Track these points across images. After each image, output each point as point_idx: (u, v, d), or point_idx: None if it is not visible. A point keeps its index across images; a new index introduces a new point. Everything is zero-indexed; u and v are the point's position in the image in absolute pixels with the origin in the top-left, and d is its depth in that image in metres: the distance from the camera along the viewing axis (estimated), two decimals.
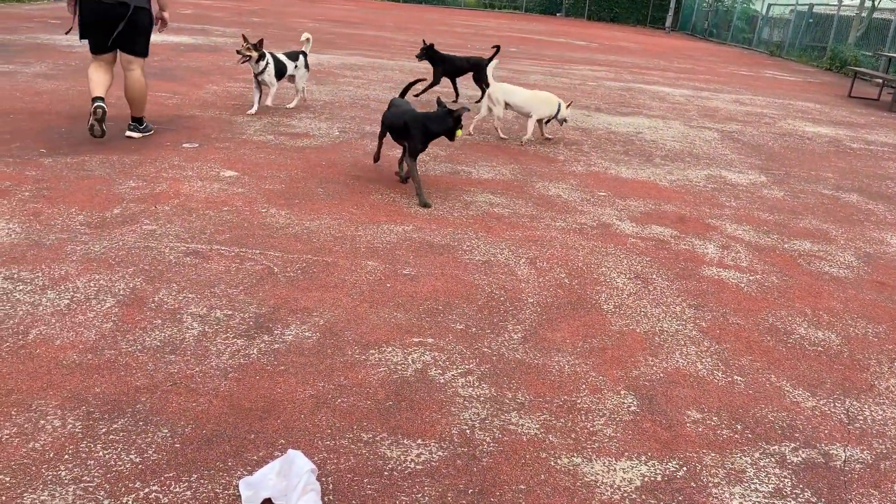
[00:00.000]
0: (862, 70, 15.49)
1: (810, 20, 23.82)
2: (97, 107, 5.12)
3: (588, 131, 7.70)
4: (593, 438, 2.47)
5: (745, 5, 30.33)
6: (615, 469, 2.32)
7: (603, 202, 5.23)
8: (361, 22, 19.91)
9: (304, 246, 3.82)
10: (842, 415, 2.78)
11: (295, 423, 2.37)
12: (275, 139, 6.00)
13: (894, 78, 13.80)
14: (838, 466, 2.47)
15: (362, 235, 4.06)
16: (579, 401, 2.67)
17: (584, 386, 2.78)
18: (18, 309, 2.91)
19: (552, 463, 2.32)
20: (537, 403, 2.63)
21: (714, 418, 2.66)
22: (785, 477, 2.38)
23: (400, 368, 2.76)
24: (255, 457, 2.20)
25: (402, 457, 2.27)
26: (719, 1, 32.57)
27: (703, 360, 3.07)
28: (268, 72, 6.56)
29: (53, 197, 4.17)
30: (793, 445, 2.55)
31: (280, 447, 2.24)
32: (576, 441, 2.44)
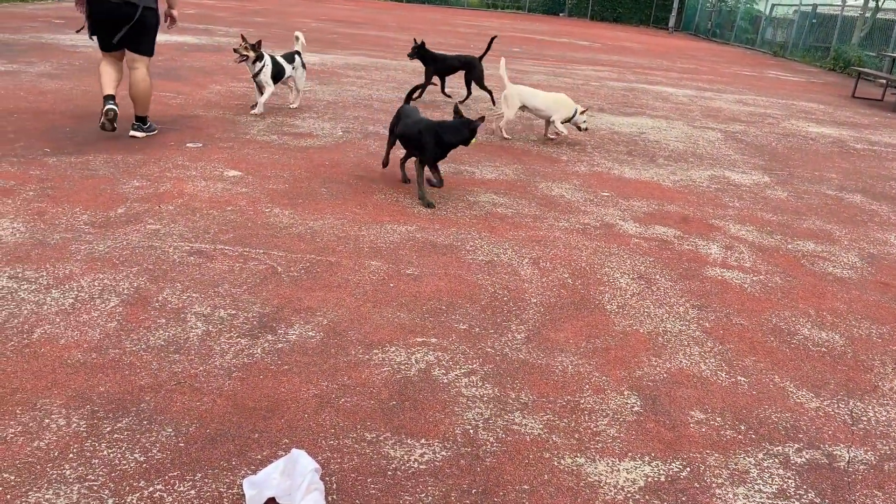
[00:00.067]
0: (866, 70, 15.47)
1: (814, 20, 23.78)
2: (109, 109, 5.21)
3: (591, 131, 7.69)
4: (597, 439, 2.47)
5: (749, 5, 30.29)
6: (619, 469, 2.32)
7: (606, 202, 5.23)
8: (364, 22, 19.92)
9: (308, 246, 3.83)
10: (846, 416, 2.78)
11: (299, 423, 2.38)
12: (278, 139, 6.01)
13: None
14: (842, 467, 2.46)
15: (366, 235, 4.06)
16: (583, 401, 2.68)
17: (588, 386, 2.78)
18: (23, 308, 2.92)
19: (556, 463, 2.32)
20: (541, 403, 2.63)
21: (717, 419, 2.66)
22: (789, 478, 2.38)
23: (403, 368, 2.76)
24: (259, 456, 2.20)
25: (406, 456, 2.27)
26: (723, 1, 32.53)
27: (707, 361, 3.07)
28: (264, 73, 6.48)
29: (58, 196, 4.18)
30: (796, 446, 2.55)
31: (284, 446, 2.25)
32: (579, 441, 2.44)
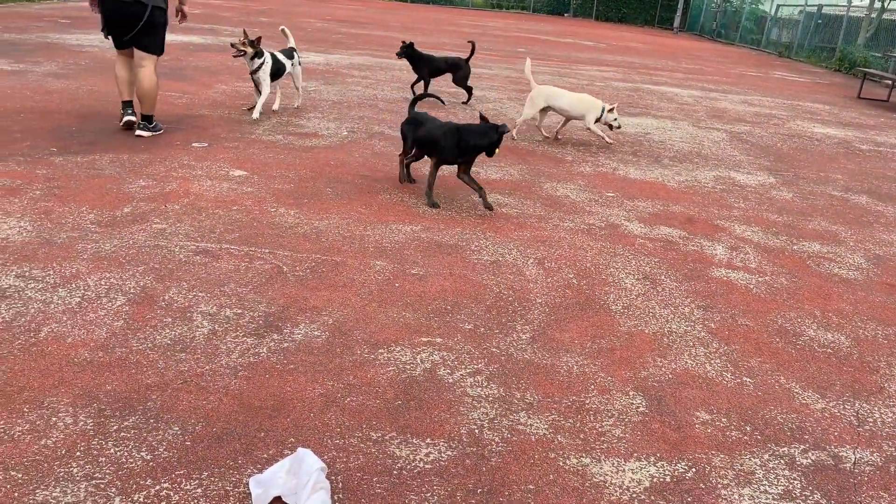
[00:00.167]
0: (871, 71, 15.43)
1: (819, 21, 23.71)
2: (127, 121, 5.64)
3: (591, 132, 7.67)
4: (602, 439, 2.47)
5: (754, 6, 30.23)
6: (624, 470, 2.32)
7: (611, 203, 5.22)
8: (369, 22, 19.94)
9: (313, 245, 3.84)
10: (851, 417, 2.77)
11: (304, 422, 2.38)
12: (283, 139, 6.02)
13: None
14: (848, 469, 2.46)
15: (371, 235, 4.07)
16: (588, 401, 2.68)
17: (593, 386, 2.78)
18: (30, 307, 2.93)
19: (561, 463, 2.32)
20: (546, 404, 2.63)
21: (723, 419, 2.66)
22: (794, 479, 2.37)
23: (409, 368, 2.76)
24: (266, 455, 2.21)
25: (411, 456, 2.28)
26: (728, 1, 32.46)
27: (712, 362, 3.07)
28: (263, 70, 6.36)
29: (64, 195, 4.19)
30: (802, 447, 2.55)
31: (290, 445, 2.25)
32: (584, 441, 2.44)
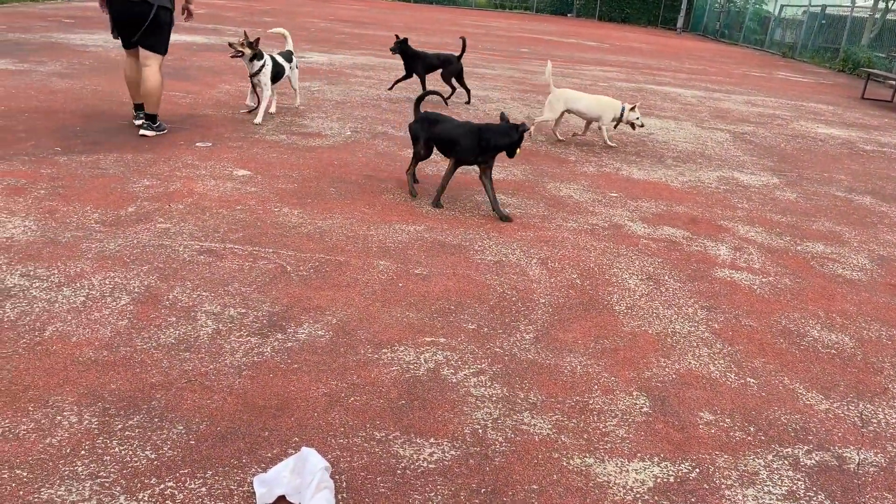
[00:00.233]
0: (875, 72, 15.39)
1: (823, 21, 23.68)
2: (141, 125, 5.76)
3: (600, 132, 7.67)
4: (606, 439, 2.47)
5: (758, 6, 30.18)
6: (628, 470, 2.32)
7: (614, 203, 5.22)
8: (372, 22, 19.95)
9: (317, 245, 3.84)
10: (855, 418, 2.77)
11: (308, 421, 2.38)
12: (287, 139, 6.03)
13: None
14: (852, 469, 2.46)
15: (374, 235, 4.07)
16: (591, 401, 2.68)
17: (597, 386, 2.78)
18: (35, 306, 2.94)
19: (564, 463, 2.32)
20: (549, 404, 2.63)
21: (727, 420, 2.65)
22: (798, 479, 2.37)
23: (412, 368, 2.77)
24: (270, 454, 2.21)
25: (415, 455, 2.28)
26: (731, 2, 32.42)
27: (716, 362, 3.07)
28: (264, 73, 6.29)
29: (68, 195, 4.20)
30: (806, 448, 2.54)
31: (294, 445, 2.26)
32: (588, 442, 2.44)
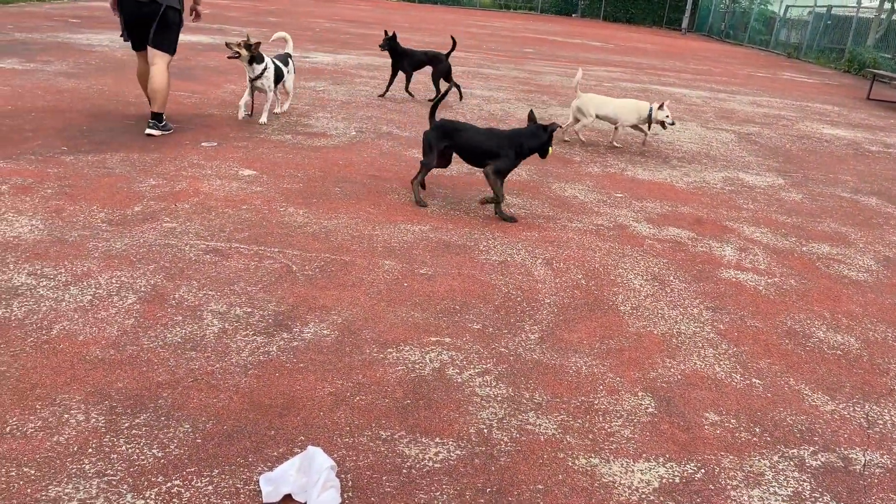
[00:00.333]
0: (881, 72, 15.36)
1: (828, 22, 23.62)
2: (146, 132, 5.69)
3: (605, 133, 7.67)
4: (611, 439, 2.47)
5: (763, 7, 30.13)
6: (633, 470, 2.32)
7: (619, 203, 5.22)
8: (376, 22, 19.96)
9: (322, 245, 3.85)
10: (861, 419, 2.77)
11: (314, 420, 2.39)
12: (292, 139, 6.04)
13: None
14: (858, 471, 2.45)
15: (379, 235, 4.08)
16: (597, 402, 2.68)
17: (602, 387, 2.78)
18: (42, 304, 2.95)
19: (570, 463, 2.32)
20: (555, 404, 2.63)
21: (732, 421, 2.65)
22: (804, 480, 2.37)
23: (418, 367, 2.77)
24: (276, 453, 2.22)
25: (421, 455, 2.28)
26: (736, 2, 32.36)
27: (721, 363, 3.06)
28: (266, 77, 6.19)
29: (75, 194, 4.22)
30: (812, 449, 2.54)
31: (300, 444, 2.26)
32: (593, 442, 2.44)
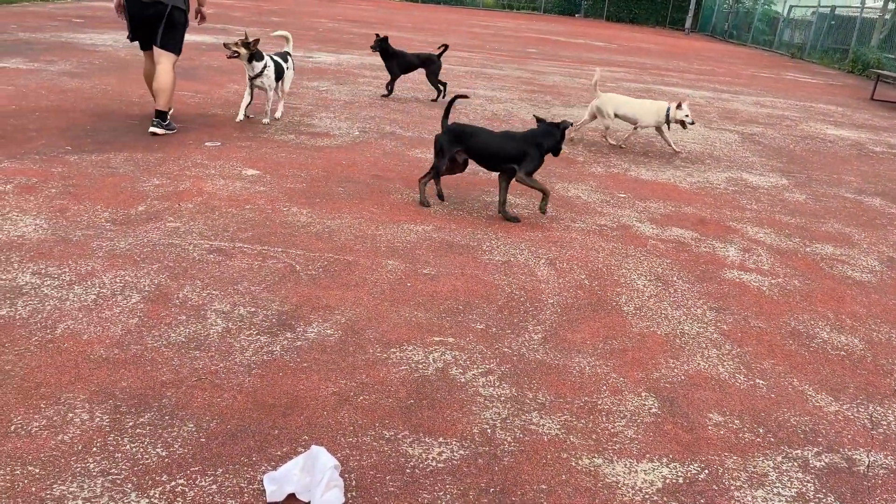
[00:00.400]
0: (885, 73, 15.32)
1: (832, 22, 23.58)
2: (150, 130, 5.68)
3: (604, 132, 7.66)
4: (614, 440, 2.47)
5: (766, 7, 30.09)
6: (636, 471, 2.32)
7: (623, 203, 5.21)
8: (380, 22, 19.97)
9: (326, 244, 3.85)
10: (865, 420, 2.76)
11: (318, 420, 2.39)
12: (295, 138, 6.04)
13: None
14: (862, 472, 2.45)
15: (383, 235, 4.08)
16: (600, 402, 2.68)
17: (605, 387, 2.78)
18: (46, 304, 2.95)
19: (573, 463, 2.32)
20: (558, 404, 2.63)
21: (736, 421, 2.65)
22: (808, 481, 2.36)
23: (421, 367, 2.77)
24: (279, 452, 2.22)
25: (424, 455, 2.28)
26: (739, 2, 32.32)
27: (725, 363, 3.06)
28: (267, 75, 6.13)
29: (79, 194, 4.23)
30: (816, 450, 2.54)
31: (303, 443, 2.27)
32: (597, 442, 2.44)
